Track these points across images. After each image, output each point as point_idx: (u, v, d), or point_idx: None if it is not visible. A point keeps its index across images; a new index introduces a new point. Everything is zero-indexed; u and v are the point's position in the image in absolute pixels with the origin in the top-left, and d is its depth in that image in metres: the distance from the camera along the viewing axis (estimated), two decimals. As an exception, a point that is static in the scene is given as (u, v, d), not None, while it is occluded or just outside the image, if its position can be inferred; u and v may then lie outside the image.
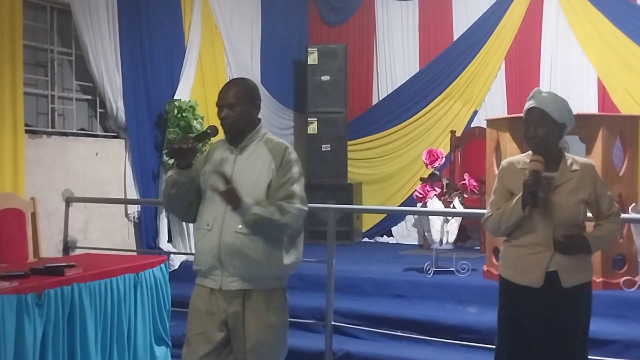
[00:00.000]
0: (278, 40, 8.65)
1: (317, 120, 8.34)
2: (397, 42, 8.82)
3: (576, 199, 3.11)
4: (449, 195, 5.98)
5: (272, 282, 3.09)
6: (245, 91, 3.11)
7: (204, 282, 3.09)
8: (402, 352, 4.85)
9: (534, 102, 3.13)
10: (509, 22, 8.19)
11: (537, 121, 3.10)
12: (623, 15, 7.57)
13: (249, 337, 3.02)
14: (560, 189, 3.11)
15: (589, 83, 7.78)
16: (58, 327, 3.77)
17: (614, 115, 6.45)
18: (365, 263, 6.67)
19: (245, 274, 3.00)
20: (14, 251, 4.98)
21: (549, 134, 3.10)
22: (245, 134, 3.10)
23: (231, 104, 3.05)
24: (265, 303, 3.04)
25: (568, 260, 3.09)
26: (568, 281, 3.09)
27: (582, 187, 3.12)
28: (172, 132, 6.59)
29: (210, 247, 3.02)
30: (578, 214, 3.13)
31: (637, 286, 5.25)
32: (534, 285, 3.10)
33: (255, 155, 3.08)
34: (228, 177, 2.94)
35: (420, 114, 8.62)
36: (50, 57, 5.89)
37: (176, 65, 6.99)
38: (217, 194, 2.93)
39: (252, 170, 3.05)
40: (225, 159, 3.10)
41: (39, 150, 5.57)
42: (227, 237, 2.98)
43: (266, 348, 3.05)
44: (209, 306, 3.05)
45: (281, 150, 3.08)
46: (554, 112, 3.09)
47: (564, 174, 3.13)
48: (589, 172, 3.16)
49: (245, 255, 2.98)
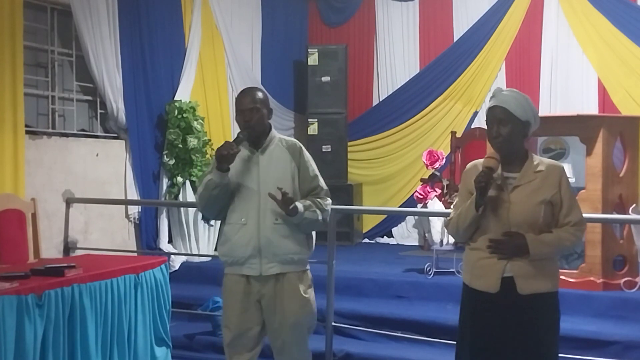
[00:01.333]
0: (278, 41, 8.66)
1: (317, 121, 8.34)
2: (398, 42, 8.83)
3: (536, 200, 2.96)
4: (449, 196, 5.98)
5: (303, 265, 3.51)
6: (263, 98, 3.47)
7: (241, 271, 3.46)
8: (402, 353, 4.85)
9: (495, 101, 3.03)
10: (509, 23, 8.19)
11: (500, 120, 3.00)
12: (623, 16, 7.57)
13: (288, 314, 3.44)
14: (520, 189, 2.99)
15: (589, 84, 7.78)
16: (58, 328, 3.76)
17: (614, 116, 6.46)
18: (365, 264, 6.67)
19: (283, 260, 3.41)
20: (14, 252, 4.98)
21: (513, 133, 3.00)
22: (264, 136, 3.47)
23: (253, 108, 3.41)
24: (298, 282, 3.46)
25: (526, 265, 2.93)
26: (525, 288, 2.93)
27: (545, 188, 2.98)
28: (172, 133, 6.60)
29: (248, 239, 3.40)
30: (537, 216, 2.96)
31: (638, 287, 5.24)
32: (490, 290, 2.97)
33: (275, 155, 3.46)
34: (283, 190, 3.30)
35: (421, 115, 8.62)
36: (51, 57, 5.89)
37: (176, 66, 6.99)
38: (276, 202, 3.32)
39: (276, 168, 3.43)
40: (247, 159, 3.45)
41: (40, 151, 5.57)
42: (265, 229, 3.38)
43: (303, 319, 3.49)
44: (245, 290, 3.45)
45: (297, 148, 3.50)
46: (516, 110, 2.99)
47: (526, 175, 3.01)
48: (555, 173, 3.02)
49: (282, 244, 3.39)
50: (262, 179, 3.40)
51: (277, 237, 3.39)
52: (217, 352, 5.15)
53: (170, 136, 6.61)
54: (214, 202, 3.46)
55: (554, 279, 3.03)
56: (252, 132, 3.42)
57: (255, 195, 3.40)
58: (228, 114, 7.73)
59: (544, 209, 2.97)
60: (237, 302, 3.48)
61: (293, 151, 3.49)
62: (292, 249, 3.42)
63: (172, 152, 6.64)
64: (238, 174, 3.42)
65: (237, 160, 3.40)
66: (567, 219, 2.99)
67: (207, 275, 6.32)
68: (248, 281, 3.46)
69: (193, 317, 5.51)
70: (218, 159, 3.34)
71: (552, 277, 3.02)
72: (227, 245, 3.47)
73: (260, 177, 3.41)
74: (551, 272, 3.02)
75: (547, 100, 7.95)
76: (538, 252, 2.94)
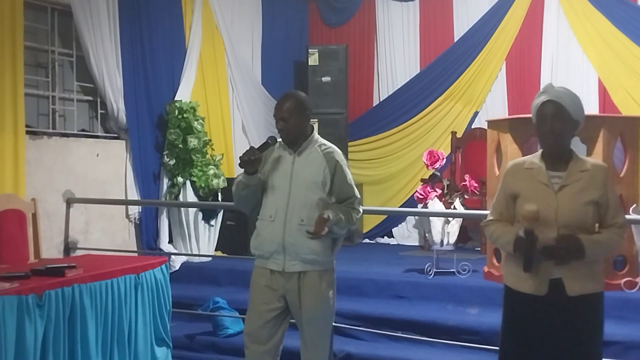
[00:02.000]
0: (279, 41, 8.66)
1: (317, 121, 8.32)
2: (398, 43, 8.82)
3: (584, 200, 2.90)
4: (449, 196, 5.97)
5: (325, 265, 3.59)
6: (297, 105, 3.60)
7: (267, 265, 3.60)
8: (402, 353, 4.85)
9: (548, 96, 2.95)
10: (509, 23, 8.19)
11: (553, 115, 2.91)
12: (624, 16, 7.57)
13: (306, 310, 3.56)
14: (567, 189, 2.92)
15: (590, 84, 7.77)
16: (59, 328, 3.76)
17: (615, 116, 6.46)
18: (366, 264, 6.67)
19: (305, 259, 3.53)
20: (14, 252, 4.98)
21: (565, 130, 2.93)
22: (301, 140, 3.63)
23: (285, 117, 3.57)
24: (319, 281, 3.56)
25: (575, 267, 2.88)
26: (574, 290, 2.89)
27: (592, 187, 2.92)
28: (172, 133, 6.60)
29: (274, 235, 3.54)
30: (586, 217, 2.90)
31: (638, 287, 5.24)
32: (538, 293, 2.92)
33: (311, 158, 3.60)
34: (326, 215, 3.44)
35: (421, 115, 8.62)
36: (51, 58, 5.89)
37: (177, 66, 6.99)
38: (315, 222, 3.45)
39: (309, 171, 3.57)
40: (284, 158, 3.62)
41: (40, 151, 5.58)
42: (291, 228, 3.51)
43: (321, 317, 3.61)
44: (269, 283, 3.59)
45: (333, 155, 3.63)
46: (570, 107, 2.92)
47: (572, 174, 2.94)
48: (601, 173, 2.96)
49: (305, 244, 3.49)
50: (294, 179, 3.55)
51: (300, 237, 3.49)
52: (218, 352, 5.17)
53: (171, 136, 6.60)
54: (244, 201, 3.67)
55: (601, 279, 3.01)
56: (287, 137, 3.61)
57: (286, 195, 3.54)
58: (228, 114, 7.74)
59: (592, 209, 2.92)
60: (259, 294, 3.62)
61: (329, 158, 3.60)
62: (315, 250, 3.52)
63: (172, 152, 6.64)
64: (273, 172, 3.60)
65: (274, 159, 3.62)
66: (615, 220, 2.96)
67: (208, 276, 6.33)
68: (273, 275, 3.59)
69: (193, 317, 5.52)
70: (240, 164, 3.52)
71: (599, 277, 2.99)
72: (258, 239, 3.62)
73: (292, 177, 3.56)
74: (598, 273, 2.98)
75: (547, 101, 7.95)
76: (593, 253, 2.89)
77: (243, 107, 7.92)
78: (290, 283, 3.56)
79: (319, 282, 3.56)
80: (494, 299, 5.32)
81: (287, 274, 3.56)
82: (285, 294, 3.58)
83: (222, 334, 5.29)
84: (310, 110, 3.68)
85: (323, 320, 3.65)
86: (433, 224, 5.91)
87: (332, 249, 3.64)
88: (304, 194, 3.51)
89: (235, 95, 7.85)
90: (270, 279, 3.60)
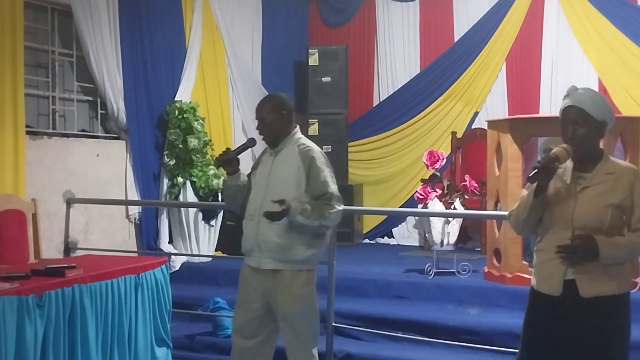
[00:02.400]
0: (279, 42, 8.66)
1: (317, 121, 8.33)
2: (398, 43, 8.82)
3: (603, 203, 2.87)
4: (449, 196, 5.97)
5: (299, 264, 3.61)
6: (274, 105, 3.68)
7: (248, 261, 3.71)
8: (402, 353, 4.85)
9: (570, 101, 2.95)
10: (509, 23, 8.19)
11: (575, 120, 2.91)
12: (624, 17, 7.57)
13: (279, 308, 3.61)
14: (589, 190, 2.91)
15: (590, 84, 7.72)
16: (59, 328, 3.76)
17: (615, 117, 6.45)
18: (366, 264, 6.66)
19: (277, 257, 3.57)
20: (14, 252, 4.98)
21: (589, 134, 2.92)
22: (279, 140, 3.68)
23: (262, 117, 3.69)
24: (291, 280, 3.58)
25: (589, 267, 2.85)
26: (588, 291, 2.85)
27: (614, 191, 2.88)
28: (172, 134, 6.60)
29: (251, 233, 3.63)
30: (603, 219, 2.86)
31: (638, 288, 5.24)
32: (553, 293, 2.92)
33: (288, 157, 3.64)
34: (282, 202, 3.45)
35: (421, 115, 8.61)
36: (51, 58, 5.89)
37: (177, 67, 6.99)
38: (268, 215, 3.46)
39: (283, 170, 3.62)
40: (266, 158, 3.73)
41: (40, 152, 5.58)
42: (263, 226, 3.56)
43: (295, 316, 3.61)
44: (250, 280, 3.68)
45: (309, 153, 3.64)
46: (593, 110, 2.91)
47: (597, 176, 2.92)
48: (628, 176, 2.91)
49: (276, 242, 3.55)
50: (271, 178, 3.62)
51: (271, 234, 3.54)
52: (218, 352, 5.16)
53: (171, 136, 6.61)
54: (230, 201, 3.83)
55: (621, 281, 2.93)
56: (265, 137, 3.71)
57: (262, 193, 3.61)
58: (229, 115, 7.74)
59: (611, 212, 2.88)
60: (242, 291, 3.72)
61: (305, 157, 3.62)
62: (287, 248, 3.55)
63: (172, 153, 6.64)
64: (256, 172, 3.73)
65: (260, 160, 3.78)
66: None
67: (208, 276, 6.33)
68: (253, 273, 3.66)
69: (193, 317, 5.52)
70: (216, 165, 3.72)
71: (618, 279, 2.92)
72: (243, 237, 3.72)
73: (270, 176, 3.63)
74: (616, 275, 2.91)
75: (547, 101, 7.96)
76: (609, 255, 2.85)
77: (243, 107, 7.92)
78: (267, 281, 3.62)
79: (291, 281, 3.58)
80: (494, 299, 5.35)
81: (263, 271, 3.62)
82: (264, 292, 3.64)
83: (222, 334, 5.29)
84: (289, 110, 3.73)
85: (300, 320, 3.64)
86: (433, 224, 5.91)
87: (313, 248, 3.61)
88: (279, 192, 3.52)
89: (236, 96, 7.85)
90: (251, 276, 3.67)
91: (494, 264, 5.67)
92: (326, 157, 3.72)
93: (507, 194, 5.48)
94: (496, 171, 5.73)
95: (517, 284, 5.28)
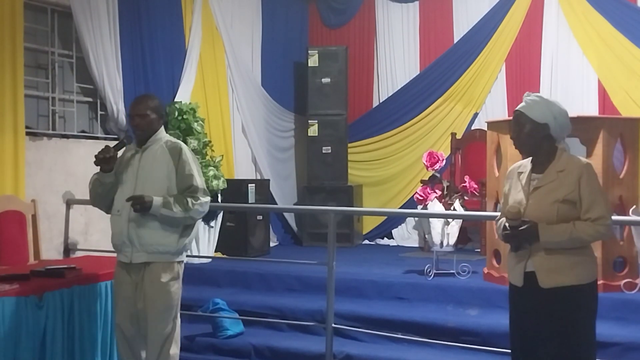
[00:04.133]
0: (279, 43, 8.66)
1: (317, 122, 8.34)
2: (398, 44, 8.82)
3: (550, 200, 3.07)
4: (449, 197, 5.97)
5: (171, 256, 3.80)
6: (156, 105, 3.88)
7: (120, 257, 3.86)
8: (402, 354, 4.85)
9: (518, 107, 3.20)
10: (509, 24, 8.19)
11: (517, 123, 3.16)
12: (623, 18, 7.57)
13: (145, 300, 3.75)
14: (539, 190, 3.11)
15: (590, 85, 7.77)
16: (58, 329, 3.77)
17: (615, 118, 6.46)
18: (365, 265, 6.66)
19: (149, 250, 3.75)
20: (14, 253, 4.98)
21: (530, 135, 3.12)
22: (149, 137, 3.85)
23: (141, 114, 3.82)
24: (161, 272, 3.76)
25: (546, 260, 3.04)
26: (546, 282, 3.05)
27: (562, 187, 3.07)
28: (172, 134, 6.58)
29: (121, 229, 3.79)
30: (550, 216, 3.05)
31: (638, 288, 5.24)
32: (517, 284, 3.16)
33: (156, 154, 3.81)
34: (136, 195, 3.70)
35: (421, 116, 8.61)
36: (51, 59, 5.90)
37: (177, 68, 7.00)
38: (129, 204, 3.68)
39: (154, 166, 3.79)
40: (131, 156, 3.86)
41: (40, 153, 5.58)
42: (133, 220, 3.74)
43: (156, 309, 3.75)
44: (123, 277, 3.83)
45: (177, 150, 3.82)
46: (533, 113, 3.11)
47: (548, 175, 3.12)
48: (575, 172, 3.08)
49: (147, 235, 3.73)
50: (139, 174, 3.79)
51: (143, 228, 3.73)
52: (218, 353, 5.17)
53: (171, 138, 6.60)
54: (100, 199, 3.92)
55: (580, 272, 3.08)
56: (142, 135, 3.84)
57: (131, 189, 3.77)
58: (228, 116, 7.74)
59: (558, 208, 3.06)
60: (117, 289, 3.90)
61: (173, 152, 3.81)
62: (158, 241, 3.74)
63: (172, 154, 6.63)
64: (122, 169, 3.84)
65: (125, 157, 3.88)
66: (587, 215, 3.05)
67: (207, 277, 6.32)
68: (124, 268, 3.83)
69: (193, 318, 5.51)
70: (96, 162, 3.78)
71: (577, 270, 3.07)
72: (112, 233, 3.88)
73: (138, 173, 3.79)
74: (575, 266, 3.07)
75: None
76: (549, 239, 3.03)
77: (243, 108, 7.92)
78: (139, 275, 3.77)
79: (160, 273, 3.75)
80: (494, 300, 5.34)
81: (135, 265, 3.76)
82: (135, 287, 3.78)
83: (221, 335, 5.29)
84: (161, 110, 3.92)
85: (159, 310, 3.77)
86: (433, 225, 5.91)
87: (184, 237, 3.82)
88: (149, 188, 3.72)
89: (235, 97, 7.85)
90: (123, 272, 3.82)
91: (493, 265, 5.67)
92: (192, 153, 3.91)
93: (506, 195, 5.48)
94: (496, 172, 5.74)
95: (516, 285, 5.28)
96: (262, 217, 7.36)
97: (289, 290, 6.01)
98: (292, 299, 5.77)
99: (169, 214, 3.69)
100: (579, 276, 3.07)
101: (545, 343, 3.06)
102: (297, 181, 8.97)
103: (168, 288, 3.77)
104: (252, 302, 5.69)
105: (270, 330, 5.40)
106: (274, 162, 8.51)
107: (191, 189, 3.78)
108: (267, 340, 5.18)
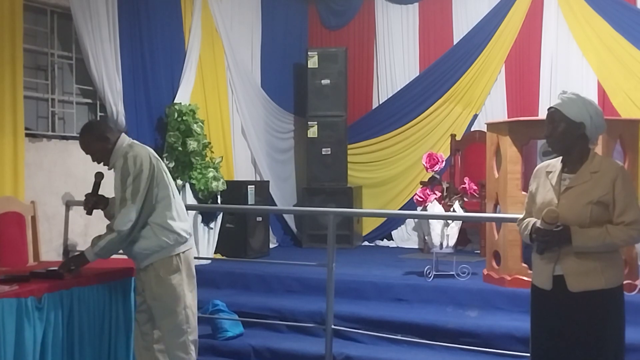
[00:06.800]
0: (278, 44, 8.66)
1: (317, 123, 8.34)
2: (397, 45, 8.83)
3: (584, 201, 3.01)
4: (449, 198, 5.98)
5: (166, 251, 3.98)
6: (89, 138, 4.02)
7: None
8: (402, 355, 4.85)
9: (553, 104, 3.13)
10: (509, 25, 8.19)
11: (551, 120, 3.09)
12: (623, 19, 7.58)
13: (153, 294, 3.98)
14: (572, 190, 3.06)
15: (589, 87, 7.77)
16: (58, 330, 3.77)
17: (614, 119, 6.44)
18: (365, 267, 6.66)
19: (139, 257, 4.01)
20: (14, 255, 4.97)
21: (565, 133, 3.06)
22: (107, 158, 4.04)
23: (91, 152, 4.05)
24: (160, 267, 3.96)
25: (576, 263, 3.01)
26: (575, 286, 3.01)
27: (596, 188, 3.02)
28: (172, 136, 6.59)
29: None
30: (583, 217, 3.00)
31: (638, 290, 5.24)
32: (545, 287, 3.10)
33: (117, 167, 3.97)
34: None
35: (421, 118, 8.62)
36: (51, 60, 5.89)
37: (176, 69, 6.99)
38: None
39: (115, 179, 3.98)
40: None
41: (39, 154, 5.57)
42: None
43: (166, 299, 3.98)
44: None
45: (126, 155, 3.94)
46: (570, 112, 3.05)
47: (581, 176, 3.07)
48: (610, 173, 3.04)
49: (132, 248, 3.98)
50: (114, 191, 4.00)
51: (128, 245, 3.99)
52: (217, 355, 5.17)
53: (170, 139, 6.60)
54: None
55: (609, 276, 3.06)
56: (104, 162, 4.07)
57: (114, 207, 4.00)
58: (228, 117, 7.74)
59: (592, 209, 3.02)
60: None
61: (125, 159, 3.96)
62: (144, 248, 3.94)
63: (171, 155, 6.64)
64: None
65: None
66: (620, 219, 3.02)
67: (207, 278, 6.29)
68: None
69: (193, 320, 5.50)
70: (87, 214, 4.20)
71: (607, 274, 3.05)
72: None
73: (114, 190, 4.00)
74: (605, 270, 3.04)
75: (546, 103, 7.94)
76: (581, 244, 2.99)
77: (242, 109, 7.92)
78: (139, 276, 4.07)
79: (159, 269, 3.97)
80: (494, 301, 5.35)
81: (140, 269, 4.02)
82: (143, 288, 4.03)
83: (221, 337, 5.29)
84: (100, 131, 4.02)
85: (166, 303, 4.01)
86: (432, 227, 5.92)
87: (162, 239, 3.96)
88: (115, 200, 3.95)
89: (235, 98, 7.85)
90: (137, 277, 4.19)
91: (493, 267, 5.67)
92: (133, 159, 3.93)
93: (506, 196, 5.49)
94: (495, 173, 5.74)
95: (516, 286, 5.29)
96: (261, 219, 7.36)
97: (288, 292, 6.02)
98: (292, 300, 5.77)
99: (105, 245, 3.88)
100: (608, 280, 3.05)
101: (573, 348, 3.02)
102: (296, 182, 8.97)
103: (169, 282, 3.95)
104: (251, 304, 5.69)
105: (269, 332, 5.40)
106: (273, 164, 8.50)
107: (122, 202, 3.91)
108: (266, 341, 5.18)
